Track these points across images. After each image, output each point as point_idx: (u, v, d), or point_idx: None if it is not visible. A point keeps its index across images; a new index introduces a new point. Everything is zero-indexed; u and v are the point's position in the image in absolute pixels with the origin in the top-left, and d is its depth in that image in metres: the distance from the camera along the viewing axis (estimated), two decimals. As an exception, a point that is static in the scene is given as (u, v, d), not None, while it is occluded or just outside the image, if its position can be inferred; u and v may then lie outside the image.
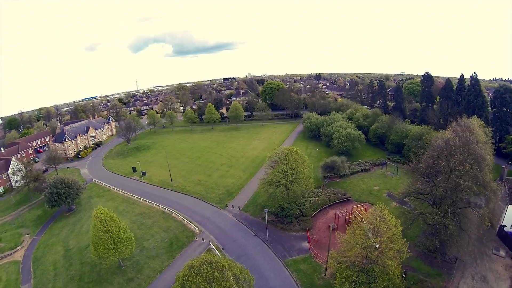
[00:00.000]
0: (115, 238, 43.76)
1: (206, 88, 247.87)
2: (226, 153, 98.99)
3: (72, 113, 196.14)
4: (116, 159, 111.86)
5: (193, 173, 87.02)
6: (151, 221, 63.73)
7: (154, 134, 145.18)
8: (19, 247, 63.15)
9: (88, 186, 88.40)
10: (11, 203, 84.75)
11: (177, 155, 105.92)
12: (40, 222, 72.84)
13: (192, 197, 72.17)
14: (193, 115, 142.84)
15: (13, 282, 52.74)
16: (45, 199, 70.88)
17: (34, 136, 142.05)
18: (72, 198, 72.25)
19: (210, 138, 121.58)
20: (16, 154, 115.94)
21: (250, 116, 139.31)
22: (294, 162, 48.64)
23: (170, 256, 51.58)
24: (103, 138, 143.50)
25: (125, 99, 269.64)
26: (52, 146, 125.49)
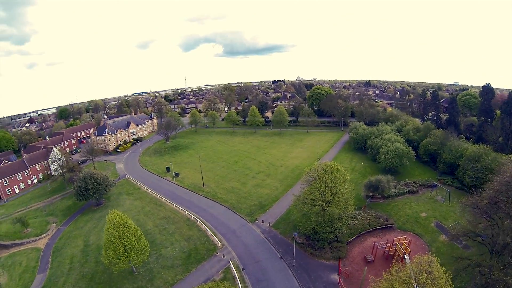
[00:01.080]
0: (127, 245, 44.41)
1: (253, 90, 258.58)
2: (266, 160, 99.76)
3: (118, 107, 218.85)
4: (153, 157, 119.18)
5: (228, 179, 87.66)
6: (174, 227, 64.47)
7: (195, 133, 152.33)
8: (44, 234, 69.29)
9: (119, 182, 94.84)
10: (47, 190, 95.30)
11: (214, 157, 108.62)
12: (68, 213, 79.52)
13: (222, 205, 72.18)
14: (236, 117, 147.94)
15: (30, 269, 57.36)
16: (74, 192, 77.26)
17: (79, 127, 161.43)
18: (100, 194, 77.51)
19: (251, 142, 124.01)
20: (60, 143, 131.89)
21: (295, 121, 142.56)
22: (334, 181, 47.20)
23: (186, 269, 50.70)
24: (143, 134, 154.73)
25: (171, 96, 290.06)
26: (93, 138, 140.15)
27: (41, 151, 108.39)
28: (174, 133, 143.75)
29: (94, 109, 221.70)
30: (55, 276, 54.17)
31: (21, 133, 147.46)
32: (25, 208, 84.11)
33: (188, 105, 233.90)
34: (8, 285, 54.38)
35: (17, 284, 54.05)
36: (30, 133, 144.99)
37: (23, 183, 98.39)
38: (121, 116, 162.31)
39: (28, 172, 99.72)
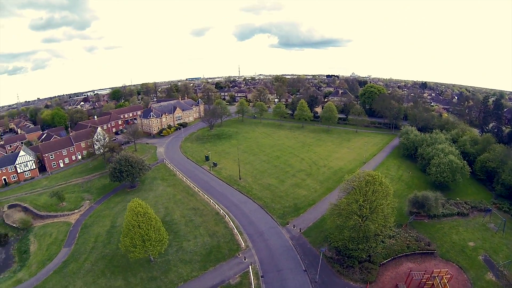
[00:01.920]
0: (144, 235, 45.80)
1: (305, 83, 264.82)
2: (309, 158, 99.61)
3: (167, 92, 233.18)
4: (194, 143, 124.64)
5: (266, 174, 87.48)
6: (200, 220, 65.18)
7: (241, 123, 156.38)
8: (76, 210, 75.68)
9: (156, 167, 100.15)
10: (88, 167, 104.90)
11: (256, 150, 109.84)
12: (103, 192, 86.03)
13: (255, 203, 71.66)
14: (284, 110, 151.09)
15: (58, 241, 63.05)
16: (109, 173, 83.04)
17: (127, 108, 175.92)
18: (133, 177, 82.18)
19: (296, 137, 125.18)
20: (107, 123, 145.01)
21: (344, 119, 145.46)
22: (375, 194, 44.90)
23: (203, 266, 50.47)
24: (189, 119, 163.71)
25: (222, 84, 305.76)
26: (139, 120, 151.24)
27: (87, 129, 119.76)
28: (220, 121, 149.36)
29: (145, 92, 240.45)
30: (78, 252, 58.33)
31: (73, 111, 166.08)
32: (66, 182, 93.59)
33: (238, 93, 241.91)
34: (35, 254, 60.53)
35: (43, 254, 59.73)
36: (81, 112, 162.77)
37: (68, 158, 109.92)
38: (168, 101, 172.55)
39: (73, 148, 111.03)
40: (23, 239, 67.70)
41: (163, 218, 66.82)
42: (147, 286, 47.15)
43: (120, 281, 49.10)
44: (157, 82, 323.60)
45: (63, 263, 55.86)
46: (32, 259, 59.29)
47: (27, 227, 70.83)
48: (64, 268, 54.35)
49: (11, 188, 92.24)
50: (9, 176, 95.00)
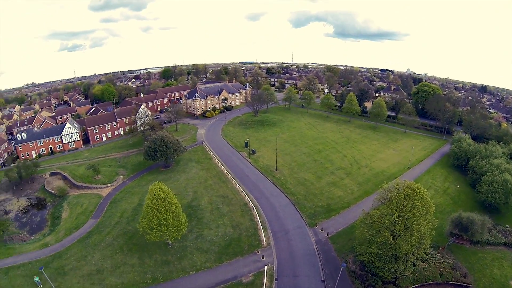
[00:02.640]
0: (162, 220, 47.08)
1: (357, 75, 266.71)
2: (351, 155, 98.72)
3: (216, 74, 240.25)
4: (237, 128, 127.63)
5: (304, 168, 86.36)
6: (227, 209, 65.67)
7: (287, 111, 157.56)
8: (109, 184, 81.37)
9: (194, 148, 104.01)
10: (128, 143, 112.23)
11: (298, 141, 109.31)
12: (137, 169, 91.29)
13: (287, 197, 70.47)
14: (332, 101, 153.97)
15: (87, 212, 68.70)
16: (143, 151, 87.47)
17: (173, 88, 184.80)
18: (167, 157, 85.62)
19: (342, 132, 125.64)
20: (152, 101, 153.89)
21: (393, 117, 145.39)
22: (413, 210, 41.50)
23: (218, 258, 50.66)
24: (235, 103, 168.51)
25: (274, 69, 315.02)
26: (184, 100, 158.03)
27: (131, 106, 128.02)
28: (266, 107, 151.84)
29: (195, 72, 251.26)
30: (103, 225, 62.67)
31: (122, 87, 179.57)
32: (105, 155, 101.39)
33: (288, 80, 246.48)
34: (65, 221, 66.87)
35: (72, 222, 65.65)
36: (129, 88, 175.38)
37: (111, 133, 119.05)
38: (215, 83, 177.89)
39: (116, 124, 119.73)
40: (57, 206, 75.25)
41: (190, 202, 68.89)
42: (159, 269, 48.66)
43: (135, 259, 51.41)
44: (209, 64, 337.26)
45: (88, 233, 60.48)
46: (62, 226, 65.45)
47: (63, 195, 78.35)
48: (87, 238, 58.79)
49: (56, 157, 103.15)
50: (55, 145, 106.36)
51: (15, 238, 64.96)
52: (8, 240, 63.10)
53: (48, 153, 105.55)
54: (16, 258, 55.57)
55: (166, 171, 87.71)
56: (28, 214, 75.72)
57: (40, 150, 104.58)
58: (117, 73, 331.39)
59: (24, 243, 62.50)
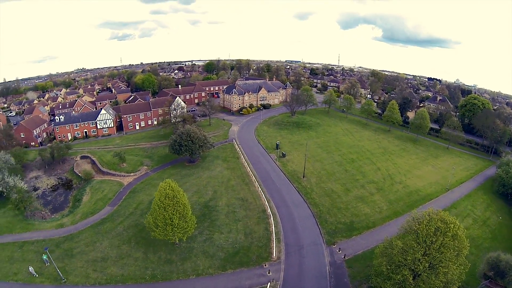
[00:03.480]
0: (167, 219, 47.84)
1: (402, 83, 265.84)
2: (385, 169, 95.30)
3: (258, 71, 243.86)
4: (271, 128, 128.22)
5: (333, 178, 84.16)
6: (243, 214, 65.25)
7: (326, 114, 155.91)
8: (132, 173, 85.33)
9: (223, 145, 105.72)
10: (159, 134, 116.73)
11: (332, 147, 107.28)
12: (163, 161, 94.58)
13: (309, 208, 68.63)
14: (373, 108, 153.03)
15: (106, 199, 72.83)
16: (169, 144, 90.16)
17: (213, 82, 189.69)
18: (192, 152, 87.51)
19: (379, 141, 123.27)
20: (190, 93, 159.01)
21: (436, 130, 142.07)
22: (442, 250, 36.89)
23: (222, 266, 50.38)
24: (274, 102, 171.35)
25: (317, 70, 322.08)
26: (221, 95, 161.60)
27: (167, 97, 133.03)
28: (304, 108, 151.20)
29: (238, 68, 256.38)
30: (118, 214, 65.84)
31: (162, 78, 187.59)
32: (134, 144, 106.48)
33: (330, 83, 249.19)
34: (84, 204, 71.65)
35: (90, 206, 70.13)
36: (168, 79, 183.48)
37: (144, 122, 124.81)
38: (255, 79, 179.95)
39: (150, 113, 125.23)
40: (81, 189, 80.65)
41: (207, 202, 69.55)
42: (160, 267, 49.76)
43: (140, 253, 53.17)
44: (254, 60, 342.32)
45: (101, 220, 64.07)
46: (80, 209, 70.11)
47: (88, 178, 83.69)
48: (100, 225, 62.27)
49: (89, 141, 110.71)
50: (90, 130, 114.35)
51: (36, 214, 70.80)
52: (29, 216, 69.05)
53: (83, 136, 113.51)
54: (32, 234, 60.74)
55: (190, 166, 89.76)
56: (54, 193, 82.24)
57: (75, 133, 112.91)
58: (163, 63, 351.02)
59: (43, 221, 67.98)
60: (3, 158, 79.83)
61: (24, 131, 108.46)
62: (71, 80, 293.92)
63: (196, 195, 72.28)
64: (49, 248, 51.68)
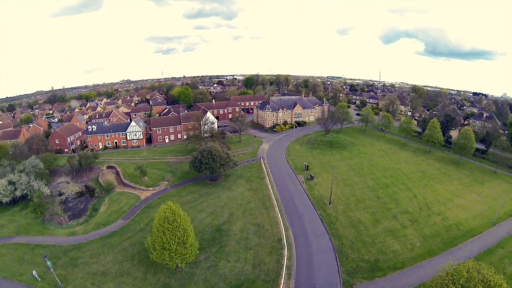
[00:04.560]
0: (165, 244, 47.44)
1: (444, 99, 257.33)
2: (423, 196, 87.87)
3: (296, 86, 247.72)
4: (303, 147, 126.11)
5: (362, 206, 79.14)
6: (256, 242, 62.88)
7: (362, 133, 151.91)
8: (151, 188, 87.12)
9: (250, 164, 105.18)
10: (187, 148, 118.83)
11: (365, 170, 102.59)
12: (184, 177, 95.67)
13: (330, 241, 64.34)
14: (412, 127, 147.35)
15: (121, 212, 74.88)
16: (189, 160, 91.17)
17: (248, 97, 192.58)
18: (213, 171, 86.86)
19: (418, 164, 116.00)
20: (223, 108, 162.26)
21: (483, 152, 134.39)
22: None
23: None
24: (309, 119, 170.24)
25: (357, 86, 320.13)
26: (255, 111, 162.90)
27: (198, 111, 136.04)
28: (340, 127, 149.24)
29: (277, 83, 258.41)
30: (128, 229, 67.00)
31: (198, 91, 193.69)
32: (160, 157, 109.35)
33: (369, 99, 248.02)
34: (100, 215, 74.36)
35: (104, 218, 72.44)
36: (203, 93, 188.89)
37: (174, 135, 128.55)
38: (291, 95, 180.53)
39: (180, 127, 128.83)
40: (101, 199, 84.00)
41: (221, 225, 68.42)
42: (156, 291, 48.74)
43: (140, 273, 53.14)
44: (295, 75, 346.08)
45: (111, 233, 65.66)
46: (95, 219, 72.81)
47: (110, 189, 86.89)
48: (109, 238, 63.85)
49: (118, 151, 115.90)
50: (120, 141, 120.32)
51: (54, 219, 74.90)
52: (47, 220, 73.14)
53: (113, 146, 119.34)
54: (45, 238, 64.58)
55: (211, 185, 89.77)
56: (75, 200, 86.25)
57: (106, 143, 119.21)
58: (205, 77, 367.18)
59: (59, 226, 71.57)
60: (32, 162, 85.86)
61: (58, 137, 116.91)
62: (113, 90, 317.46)
63: (210, 217, 71.59)
64: (57, 255, 55.56)
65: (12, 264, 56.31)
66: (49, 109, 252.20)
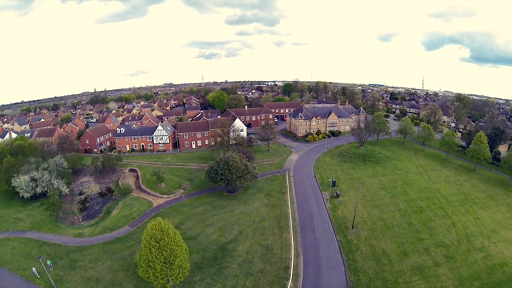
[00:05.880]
0: (151, 262, 46.71)
1: (492, 109, 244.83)
2: (463, 226, 77.50)
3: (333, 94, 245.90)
4: (334, 159, 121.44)
5: (389, 234, 71.71)
6: (260, 268, 59.64)
7: (399, 146, 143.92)
8: (165, 195, 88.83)
9: (273, 177, 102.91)
10: (212, 155, 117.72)
11: (398, 189, 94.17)
12: (202, 186, 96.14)
13: (344, 275, 58.63)
14: (455, 141, 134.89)
15: (130, 218, 76.77)
16: (206, 170, 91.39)
17: (283, 104, 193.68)
18: (228, 183, 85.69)
19: (460, 184, 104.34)
20: (256, 115, 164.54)
21: None
22: None
23: None
24: (344, 128, 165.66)
25: (399, 95, 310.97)
26: (288, 119, 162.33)
27: (227, 117, 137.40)
28: (375, 138, 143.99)
29: (315, 90, 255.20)
30: (132, 237, 68.59)
31: (232, 97, 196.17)
32: (183, 164, 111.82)
33: (410, 108, 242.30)
34: (110, 219, 77.70)
35: (113, 222, 75.36)
36: (238, 99, 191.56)
37: (201, 141, 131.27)
38: (326, 103, 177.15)
39: (208, 133, 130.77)
40: (116, 202, 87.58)
41: (226, 243, 66.19)
42: (141, 308, 48.73)
43: (131, 285, 53.68)
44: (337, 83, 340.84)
45: (115, 239, 67.73)
46: (104, 222, 76.13)
47: (126, 193, 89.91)
48: (112, 244, 65.89)
49: (144, 154, 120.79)
50: (147, 144, 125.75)
51: (68, 218, 79.99)
52: (60, 218, 78.13)
53: (140, 149, 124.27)
54: (54, 236, 68.98)
55: (227, 197, 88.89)
56: (93, 201, 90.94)
57: (133, 145, 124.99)
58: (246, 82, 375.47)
59: (69, 226, 76.08)
60: (57, 161, 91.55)
61: (89, 138, 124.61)
62: (152, 93, 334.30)
63: (217, 233, 69.96)
64: (59, 255, 60.55)
65: (19, 258, 61.07)
66: (90, 110, 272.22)
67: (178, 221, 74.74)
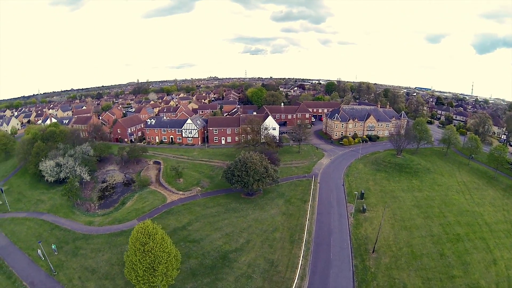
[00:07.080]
0: (134, 265, 46.12)
1: None
2: (505, 265, 64.53)
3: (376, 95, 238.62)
4: (367, 167, 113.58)
5: (416, 265, 61.99)
6: (257, 285, 55.15)
7: (441, 157, 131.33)
8: (181, 192, 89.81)
9: (299, 181, 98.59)
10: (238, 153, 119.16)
11: (434, 210, 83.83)
12: (221, 185, 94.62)
13: None
14: (505, 156, 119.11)
15: (141, 211, 78.93)
16: (224, 170, 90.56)
17: (322, 103, 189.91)
18: (244, 185, 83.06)
19: (508, 210, 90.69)
20: (292, 113, 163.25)
21: None
22: None
23: None
24: (383, 133, 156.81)
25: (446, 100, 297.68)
26: (324, 120, 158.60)
27: (260, 114, 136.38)
28: (416, 146, 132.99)
29: (358, 90, 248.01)
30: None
31: (269, 94, 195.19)
32: (208, 160, 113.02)
33: (456, 115, 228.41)
34: (123, 210, 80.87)
35: (123, 214, 78.00)
36: (275, 96, 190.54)
37: (231, 137, 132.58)
38: (366, 105, 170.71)
39: (239, 130, 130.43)
40: (132, 193, 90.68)
41: (228, 252, 63.63)
42: (129, 310, 49.43)
43: (122, 282, 54.08)
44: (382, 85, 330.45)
45: (120, 232, 69.67)
46: (116, 213, 79.03)
47: (144, 185, 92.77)
48: (116, 236, 68.03)
49: (171, 147, 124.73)
50: (176, 137, 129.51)
51: (84, 205, 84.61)
52: (76, 205, 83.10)
53: (169, 142, 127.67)
54: (66, 222, 74.16)
55: (244, 200, 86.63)
56: (113, 190, 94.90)
57: (162, 137, 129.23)
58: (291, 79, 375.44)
59: (83, 213, 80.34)
60: (84, 148, 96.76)
61: (120, 127, 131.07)
62: (194, 86, 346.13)
63: (223, 239, 67.42)
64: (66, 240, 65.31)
65: (31, 238, 66.82)
66: (131, 100, 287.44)
67: (187, 221, 74.71)
